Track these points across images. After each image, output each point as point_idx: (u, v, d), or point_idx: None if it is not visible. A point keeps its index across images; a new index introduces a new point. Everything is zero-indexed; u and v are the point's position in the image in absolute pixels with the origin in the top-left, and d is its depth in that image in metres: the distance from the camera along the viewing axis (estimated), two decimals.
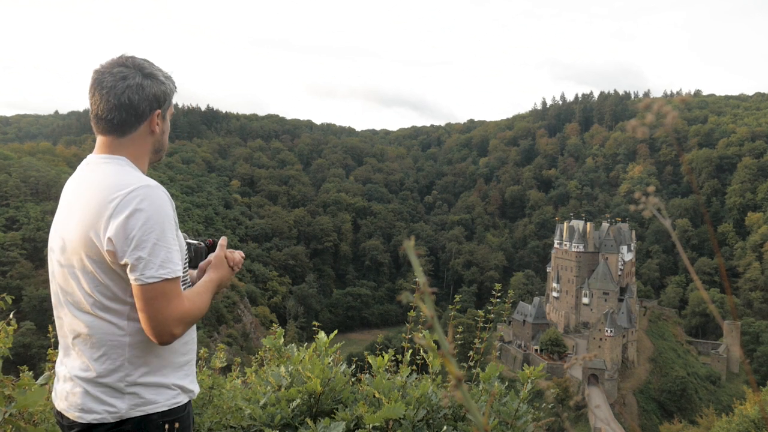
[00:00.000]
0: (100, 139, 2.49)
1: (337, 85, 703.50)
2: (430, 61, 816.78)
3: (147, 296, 2.25)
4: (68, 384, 2.42)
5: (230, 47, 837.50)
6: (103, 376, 2.34)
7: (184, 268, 2.57)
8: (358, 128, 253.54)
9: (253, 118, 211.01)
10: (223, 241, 2.79)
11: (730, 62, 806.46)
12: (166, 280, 2.27)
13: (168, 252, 2.29)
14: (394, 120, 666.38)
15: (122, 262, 2.27)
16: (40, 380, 2.25)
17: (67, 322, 2.43)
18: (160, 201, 2.32)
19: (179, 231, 2.48)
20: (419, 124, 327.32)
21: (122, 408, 2.33)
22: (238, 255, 2.79)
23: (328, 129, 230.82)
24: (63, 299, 2.43)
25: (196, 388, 2.61)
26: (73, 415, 2.37)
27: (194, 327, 2.67)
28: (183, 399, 2.49)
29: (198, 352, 4.94)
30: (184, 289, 2.55)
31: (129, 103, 2.38)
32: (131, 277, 2.26)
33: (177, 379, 2.48)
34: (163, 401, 2.40)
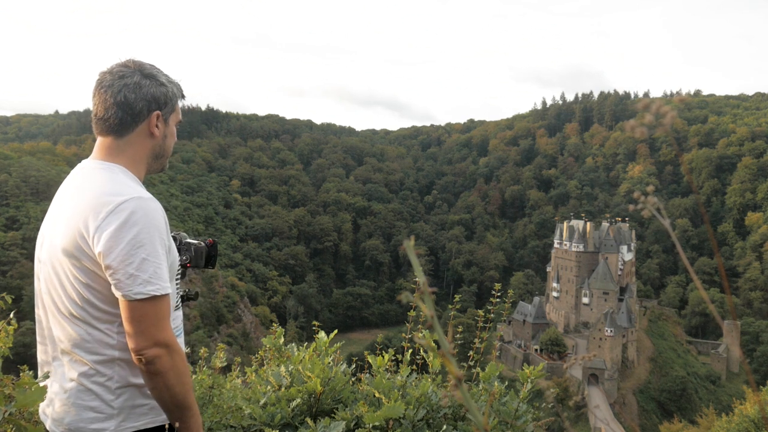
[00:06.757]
0: (99, 141, 2.41)
1: (336, 86, 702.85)
2: (430, 61, 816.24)
3: (133, 313, 2.13)
4: (57, 395, 2.28)
5: (214, 46, 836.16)
6: (91, 392, 2.21)
7: (177, 279, 2.50)
8: (358, 128, 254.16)
9: (253, 117, 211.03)
10: None
11: (728, 62, 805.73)
12: (155, 297, 2.14)
13: (158, 267, 2.17)
14: (394, 120, 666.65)
15: (109, 275, 2.16)
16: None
17: (53, 328, 2.32)
18: (152, 214, 2.21)
19: (170, 238, 2.35)
20: (419, 123, 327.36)
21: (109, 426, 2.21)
22: None
23: (328, 129, 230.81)
24: (48, 304, 2.34)
25: None
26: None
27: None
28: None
29: (198, 352, 4.96)
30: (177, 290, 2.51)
31: (125, 101, 2.32)
32: (118, 293, 2.15)
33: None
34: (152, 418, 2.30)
